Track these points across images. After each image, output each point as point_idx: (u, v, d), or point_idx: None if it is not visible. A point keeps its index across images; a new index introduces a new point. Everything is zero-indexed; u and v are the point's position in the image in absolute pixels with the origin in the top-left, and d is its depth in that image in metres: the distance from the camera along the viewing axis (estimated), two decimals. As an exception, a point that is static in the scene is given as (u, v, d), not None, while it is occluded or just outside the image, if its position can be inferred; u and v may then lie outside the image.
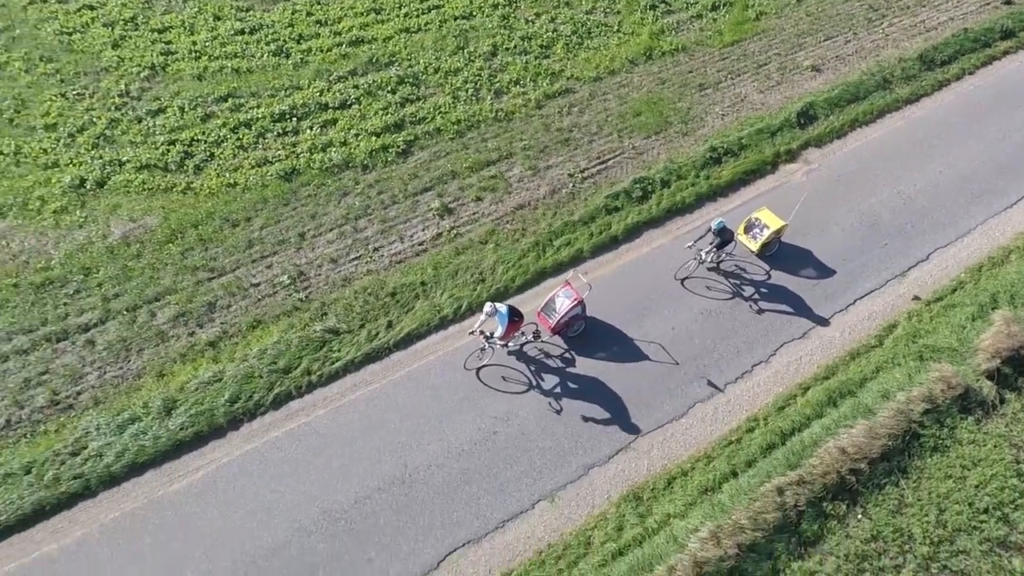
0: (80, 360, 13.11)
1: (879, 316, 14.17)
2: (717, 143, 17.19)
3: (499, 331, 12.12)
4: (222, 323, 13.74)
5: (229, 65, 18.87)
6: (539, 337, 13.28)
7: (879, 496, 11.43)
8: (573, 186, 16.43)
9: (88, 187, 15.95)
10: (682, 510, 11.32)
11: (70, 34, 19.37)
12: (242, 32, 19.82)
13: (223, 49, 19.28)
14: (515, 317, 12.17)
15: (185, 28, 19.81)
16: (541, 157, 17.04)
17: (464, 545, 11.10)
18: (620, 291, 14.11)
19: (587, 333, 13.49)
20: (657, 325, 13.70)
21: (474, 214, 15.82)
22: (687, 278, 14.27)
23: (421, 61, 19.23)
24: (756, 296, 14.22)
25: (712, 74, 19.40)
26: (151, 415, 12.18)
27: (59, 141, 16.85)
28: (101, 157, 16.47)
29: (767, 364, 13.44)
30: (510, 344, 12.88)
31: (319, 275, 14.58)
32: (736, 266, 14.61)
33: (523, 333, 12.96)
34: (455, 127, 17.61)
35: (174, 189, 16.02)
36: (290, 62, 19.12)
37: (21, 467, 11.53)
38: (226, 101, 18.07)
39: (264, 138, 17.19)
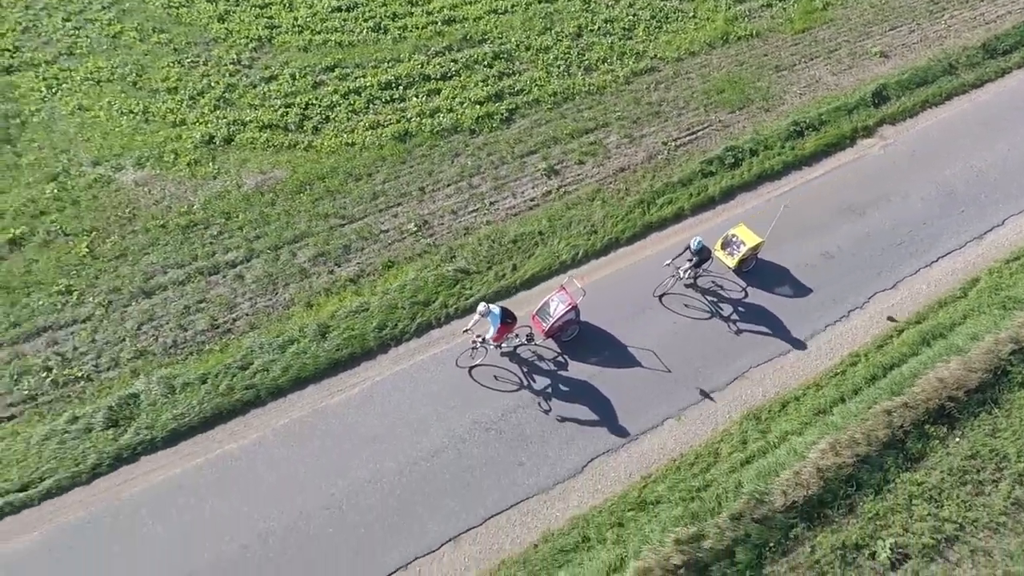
0: (232, 291, 14.94)
1: (961, 272, 16.10)
2: (798, 118, 19.24)
3: (490, 332, 12.68)
4: (358, 263, 15.61)
5: (332, 39, 20.93)
6: (532, 340, 13.79)
7: (975, 422, 13.26)
8: (668, 153, 18.43)
9: (216, 143, 17.86)
10: (798, 428, 13.13)
11: (177, 8, 21.42)
12: (339, 9, 21.92)
13: (323, 24, 21.36)
14: (507, 319, 12.70)
15: (285, 5, 21.89)
16: (635, 127, 19.06)
17: (605, 453, 12.85)
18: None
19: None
20: (778, 264, 15.61)
21: (578, 175, 17.79)
22: (664, 294, 14.91)
23: (512, 39, 21.32)
24: (851, 253, 16.12)
25: (786, 58, 21.53)
26: (307, 338, 13.99)
27: (182, 103, 18.81)
28: (224, 117, 18.39)
29: (862, 310, 15.31)
30: (503, 345, 13.49)
31: (442, 224, 16.49)
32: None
33: (516, 335, 13.53)
34: (552, 98, 19.62)
35: (296, 147, 17.95)
36: (388, 37, 21.18)
37: (197, 378, 13.30)
38: (333, 71, 20.09)
39: (373, 104, 19.17)
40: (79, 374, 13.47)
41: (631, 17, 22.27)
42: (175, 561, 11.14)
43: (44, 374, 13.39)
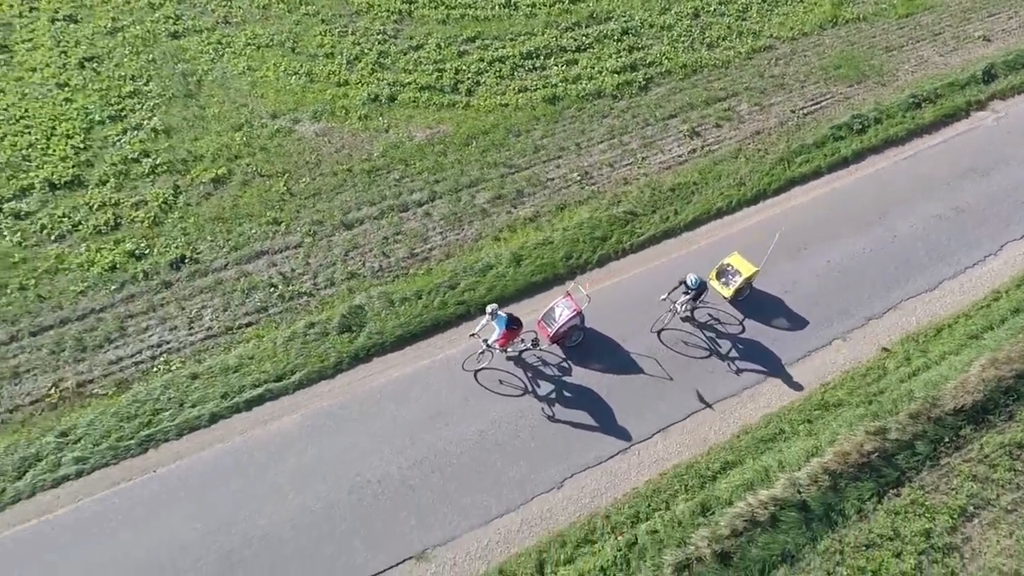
0: (423, 226, 17.57)
1: (1081, 225, 18.69)
2: (915, 92, 22.01)
3: (494, 335, 13.49)
4: (532, 205, 18.24)
5: (468, 13, 23.84)
6: (537, 345, 14.61)
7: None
8: (797, 120, 21.16)
9: (381, 101, 20.62)
10: (955, 349, 15.62)
11: (318, -18, 24.31)
12: (470, -13, 24.78)
13: (457, 0, 24.23)
14: (513, 325, 13.46)
15: (418, -18, 24.79)
16: (762, 97, 21.83)
17: (787, 364, 15.35)
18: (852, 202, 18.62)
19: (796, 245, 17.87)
20: (898, 221, 18.20)
21: (718, 137, 20.50)
22: (663, 330, 15.51)
23: (636, 18, 24.22)
24: (979, 208, 18.69)
25: (894, 40, 24.40)
26: (503, 264, 16.57)
27: (341, 66, 21.62)
28: (383, 79, 21.18)
29: (996, 256, 17.89)
30: (508, 350, 14.34)
31: (601, 175, 19.16)
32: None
33: (522, 340, 14.37)
34: (682, 70, 22.44)
35: (455, 106, 20.71)
36: (520, 13, 24.08)
37: (413, 294, 15.85)
38: (474, 42, 22.94)
39: (518, 71, 21.97)
40: (301, 290, 15.99)
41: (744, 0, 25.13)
42: (402, 444, 13.61)
43: (271, 289, 15.91)
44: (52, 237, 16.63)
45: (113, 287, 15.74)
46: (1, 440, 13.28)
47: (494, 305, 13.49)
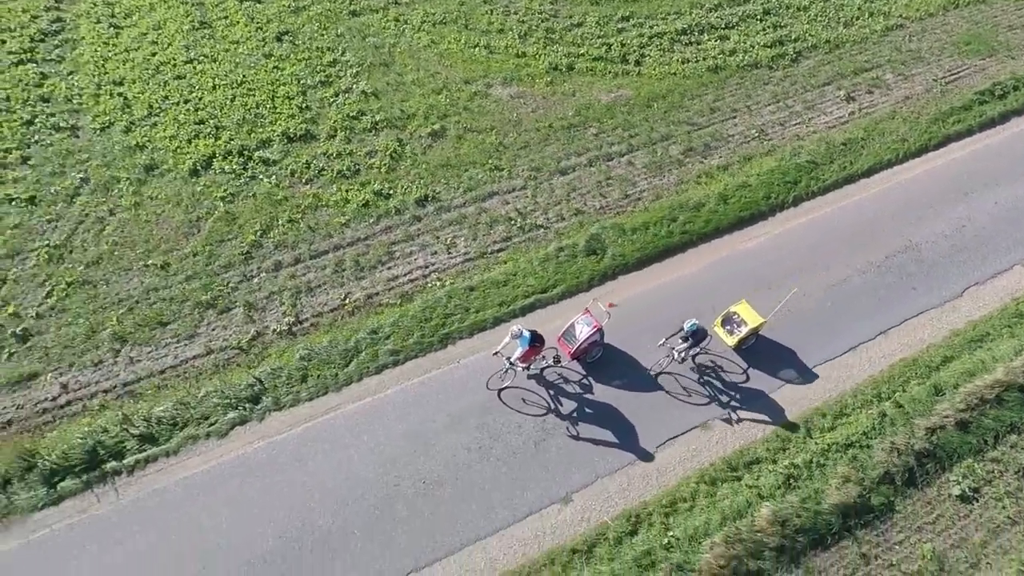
0: (629, 173, 21.26)
1: None
2: (1045, 63, 25.93)
3: (517, 353, 14.45)
4: (721, 156, 21.98)
5: (618, -5, 27.84)
6: (559, 362, 15.75)
7: None
8: (940, 87, 25.04)
9: (561, 70, 24.49)
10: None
11: (471, -31, 28.37)
12: (612, -27, 28.87)
13: (605, -16, 28.30)
14: (535, 342, 14.40)
15: (562, -31, 28.87)
16: (903, 68, 25.75)
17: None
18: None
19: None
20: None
21: (871, 101, 24.36)
22: (660, 374, 16.20)
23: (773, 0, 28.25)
24: None
25: (1015, 20, 28.44)
26: (712, 202, 20.22)
27: (515, 40, 25.54)
28: (557, 52, 25.07)
29: None
30: (530, 367, 15.45)
31: (775, 131, 22.94)
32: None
33: (543, 357, 15.49)
34: (826, 45, 26.40)
35: (628, 74, 24.58)
36: (665, -5, 28.10)
37: (640, 225, 19.45)
38: (628, 20, 26.93)
39: (676, 46, 25.90)
40: (536, 223, 19.61)
41: (869, -16, 29.24)
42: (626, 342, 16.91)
43: (510, 222, 19.53)
44: (303, 180, 20.21)
45: (371, 220, 19.28)
46: (322, 336, 16.70)
47: (519, 326, 14.57)
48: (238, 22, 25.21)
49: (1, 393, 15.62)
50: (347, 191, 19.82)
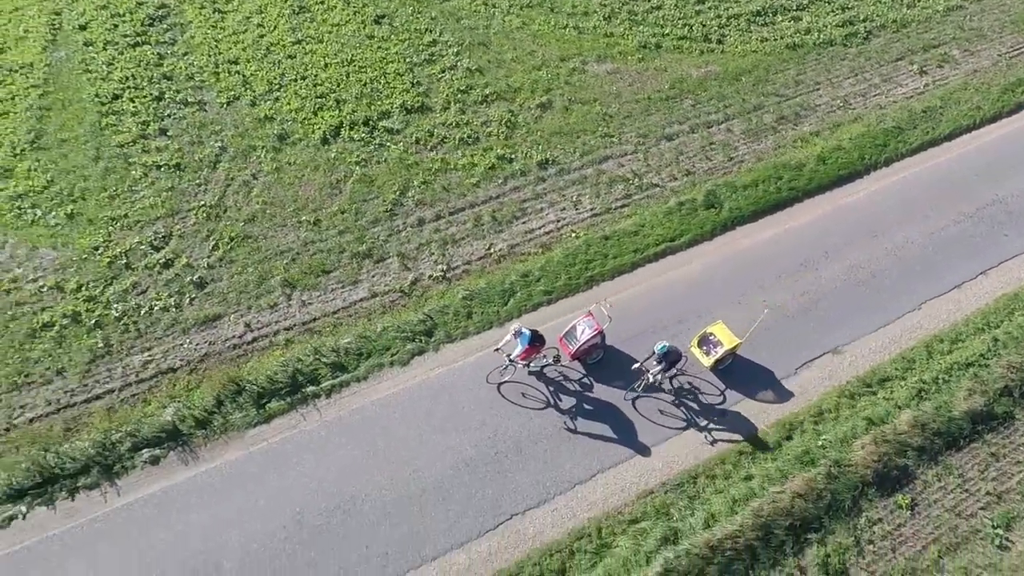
0: (728, 139, 24.10)
1: None
2: (1102, 40, 29.09)
3: (516, 351, 15.46)
4: (811, 123, 24.84)
5: (690, -20, 30.86)
6: (559, 361, 16.94)
7: None
8: (1006, 61, 28.11)
9: (650, 48, 27.39)
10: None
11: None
12: (682, -40, 31.88)
13: (676, -30, 31.31)
14: (535, 342, 15.44)
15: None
16: (968, 44, 28.82)
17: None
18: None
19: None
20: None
21: (943, 75, 27.37)
22: (637, 398, 16.96)
23: (837, -17, 31.35)
24: None
25: (1066, 1, 31.66)
26: (812, 163, 23.07)
27: (601, 21, 28.45)
28: (643, 32, 27.99)
29: None
30: (531, 365, 16.74)
31: (858, 102, 25.84)
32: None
33: (544, 356, 16.65)
34: (893, 24, 29.45)
35: (713, 52, 27.50)
36: (735, -20, 31.14)
37: (750, 182, 22.23)
38: (703, 3, 29.92)
39: (752, 26, 28.88)
40: (652, 183, 22.37)
41: (925, -31, 32.44)
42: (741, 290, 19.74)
43: (627, 182, 22.28)
44: (428, 147, 22.89)
45: (499, 181, 21.96)
46: (478, 280, 19.32)
47: (519, 324, 15.91)
48: (335, 6, 27.92)
49: (192, 332, 18.03)
50: (472, 156, 22.44)
